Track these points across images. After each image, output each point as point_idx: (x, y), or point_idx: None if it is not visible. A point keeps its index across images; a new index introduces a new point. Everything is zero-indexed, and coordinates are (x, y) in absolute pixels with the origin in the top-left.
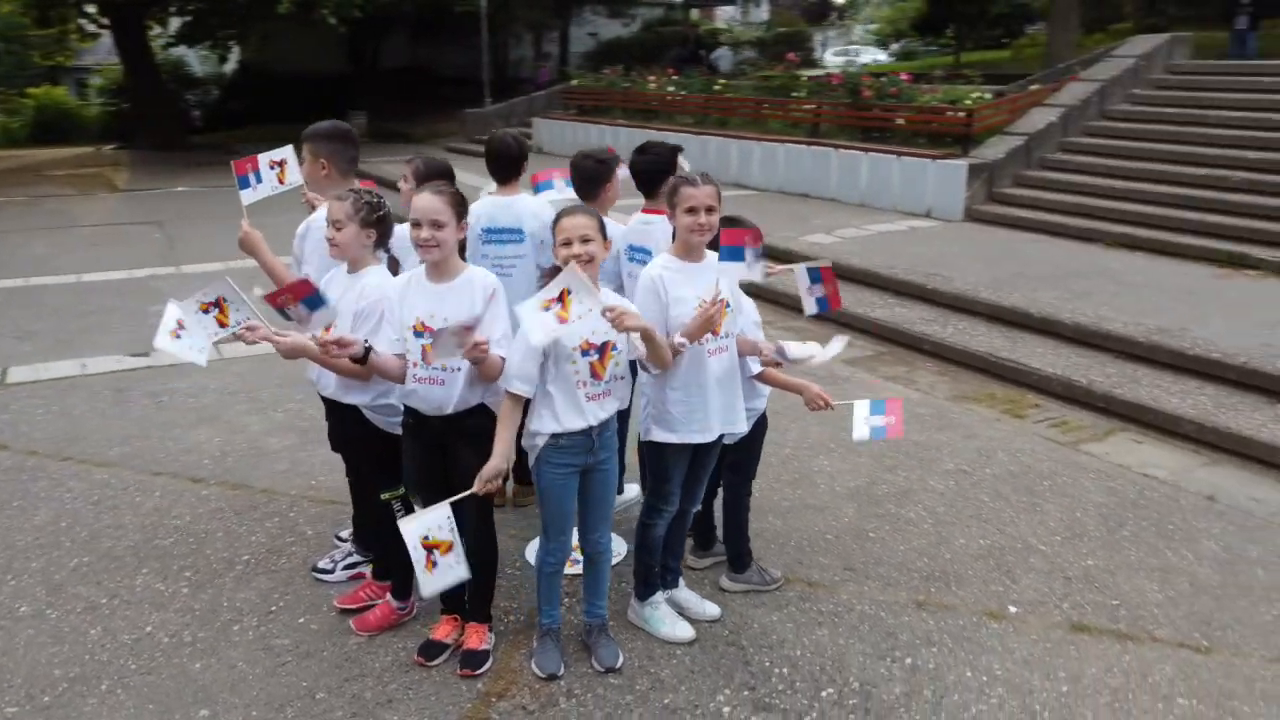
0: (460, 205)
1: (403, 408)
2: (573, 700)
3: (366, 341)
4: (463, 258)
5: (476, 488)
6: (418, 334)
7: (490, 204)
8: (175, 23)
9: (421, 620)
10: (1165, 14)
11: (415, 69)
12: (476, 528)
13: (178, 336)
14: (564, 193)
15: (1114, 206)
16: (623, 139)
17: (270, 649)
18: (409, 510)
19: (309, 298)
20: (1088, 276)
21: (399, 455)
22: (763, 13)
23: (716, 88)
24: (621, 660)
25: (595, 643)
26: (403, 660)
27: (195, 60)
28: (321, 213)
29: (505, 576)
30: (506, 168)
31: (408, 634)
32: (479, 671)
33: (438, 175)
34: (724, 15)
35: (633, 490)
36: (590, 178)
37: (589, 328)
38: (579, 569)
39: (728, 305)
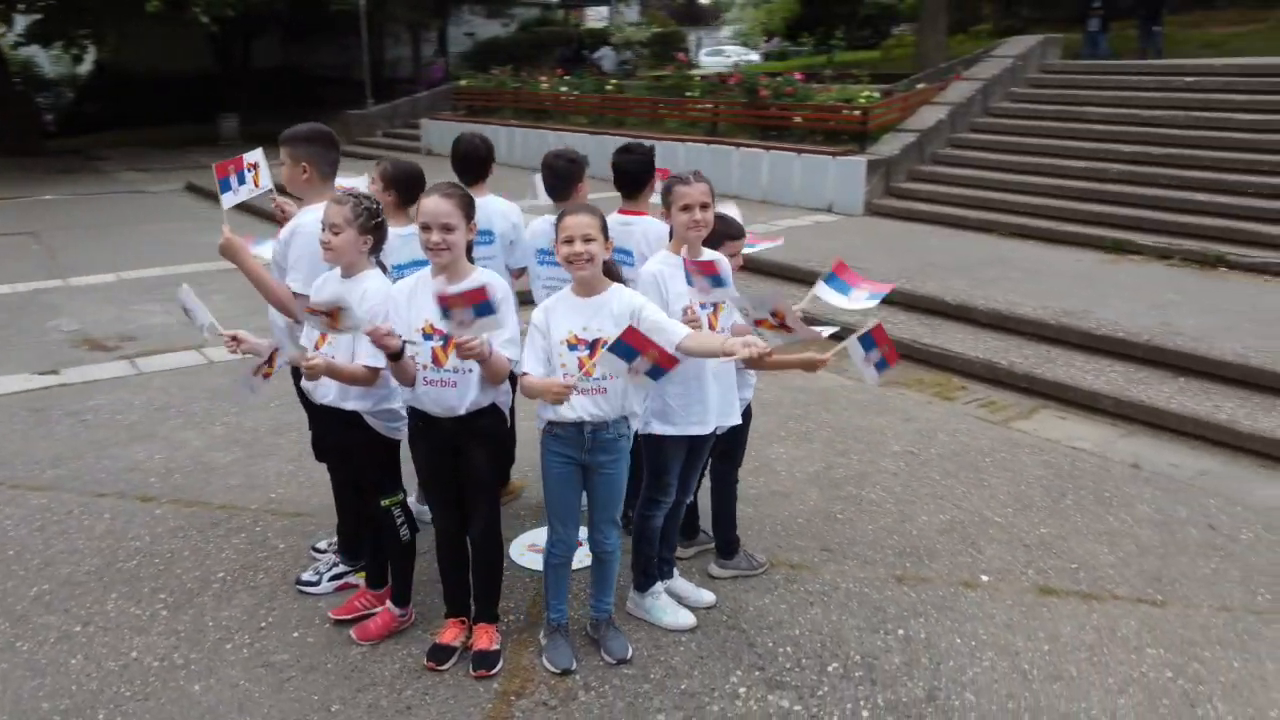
0: (469, 207)
1: (404, 412)
2: (592, 693)
3: (403, 339)
4: (470, 260)
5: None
6: (427, 337)
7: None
8: (22, 21)
9: (421, 626)
10: (1020, 16)
11: (288, 69)
12: (485, 527)
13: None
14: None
15: (1005, 199)
16: (517, 140)
17: (271, 665)
18: (409, 517)
19: (481, 304)
20: (991, 265)
21: (398, 461)
22: (634, 13)
23: (609, 88)
24: (631, 651)
25: (604, 636)
26: (411, 666)
27: (46, 61)
28: (307, 216)
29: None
30: (475, 169)
31: (410, 640)
32: (494, 671)
33: (407, 178)
34: (595, 16)
35: None
36: (564, 176)
37: (580, 324)
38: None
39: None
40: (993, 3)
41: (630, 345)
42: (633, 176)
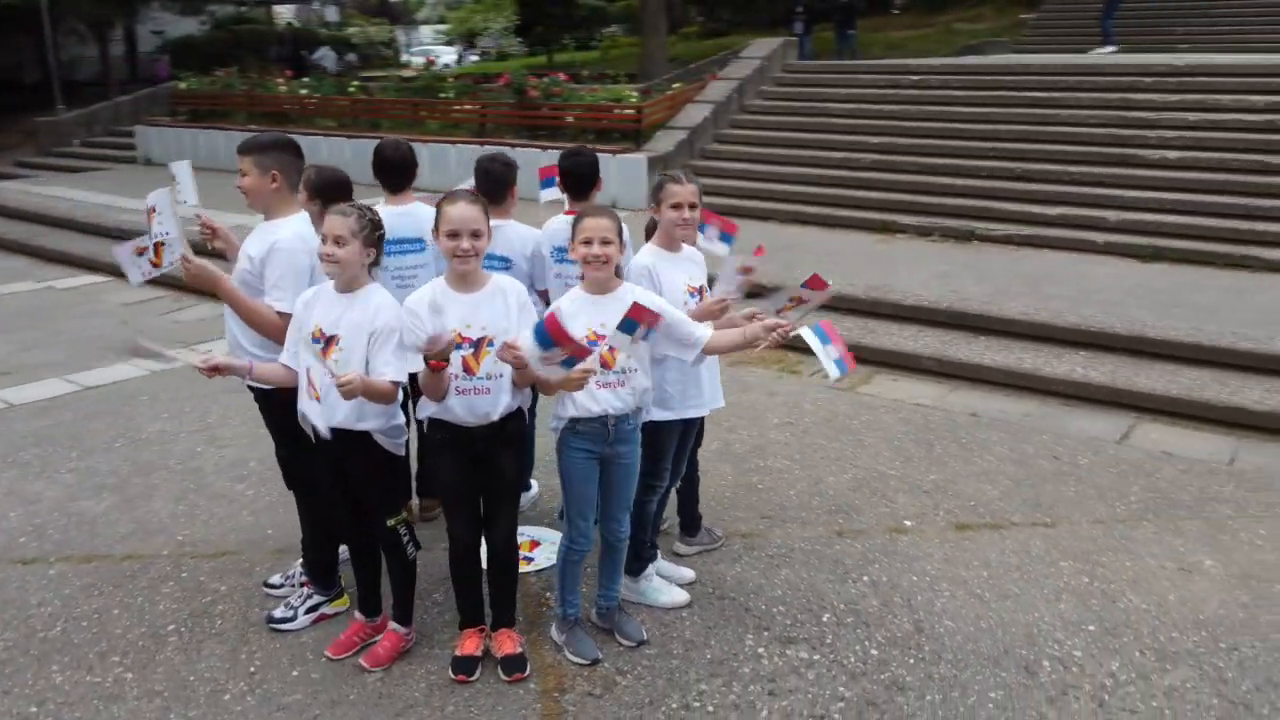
0: (488, 214)
1: (406, 425)
2: (628, 676)
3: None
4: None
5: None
6: (456, 346)
7: (388, 214)
8: None
9: (423, 643)
10: (722, 19)
11: None
12: (508, 533)
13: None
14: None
15: (777, 189)
16: None
17: (287, 708)
18: (412, 534)
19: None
20: (787, 249)
21: (401, 477)
22: (333, 12)
23: (351, 89)
24: (645, 633)
25: (617, 622)
26: (438, 683)
27: None
28: (282, 231)
29: None
30: (401, 176)
31: (422, 658)
32: (527, 674)
33: (333, 186)
34: (286, 14)
35: (535, 487)
36: (500, 180)
37: (598, 319)
38: (531, 566)
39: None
40: (697, 6)
41: (633, 320)
42: (578, 178)
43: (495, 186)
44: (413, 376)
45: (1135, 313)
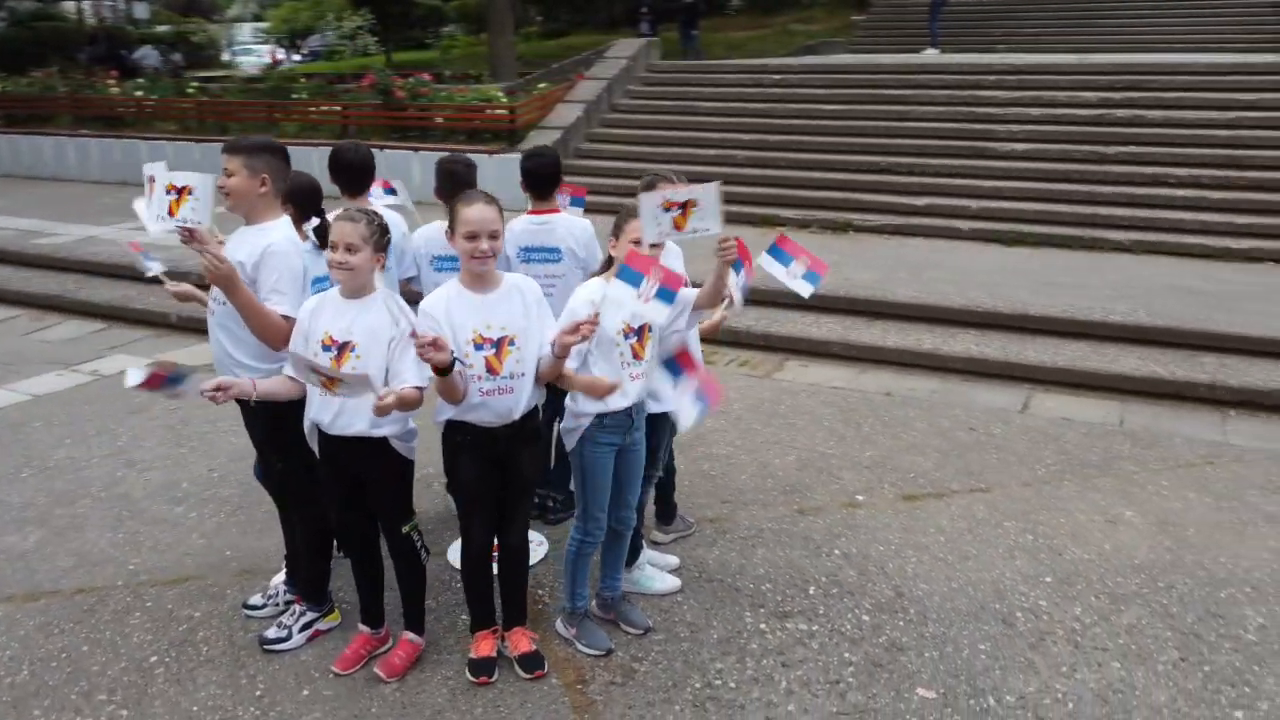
0: (503, 214)
1: (412, 430)
2: (645, 662)
3: (453, 352)
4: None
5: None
6: (478, 347)
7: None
8: None
9: (430, 649)
10: (561, 19)
11: None
12: (523, 531)
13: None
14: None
15: None
16: (92, 150)
17: None
18: (422, 539)
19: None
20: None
21: (410, 482)
22: (142, 9)
23: (191, 90)
24: (649, 620)
25: (622, 612)
26: (458, 687)
27: None
28: (275, 235)
29: (453, 589)
30: (362, 178)
31: (432, 664)
32: (546, 670)
33: (308, 192)
34: (88, 10)
35: None
36: (463, 181)
37: (626, 314)
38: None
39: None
40: (535, 5)
41: (633, 269)
42: (540, 177)
43: (458, 188)
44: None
45: (1013, 293)
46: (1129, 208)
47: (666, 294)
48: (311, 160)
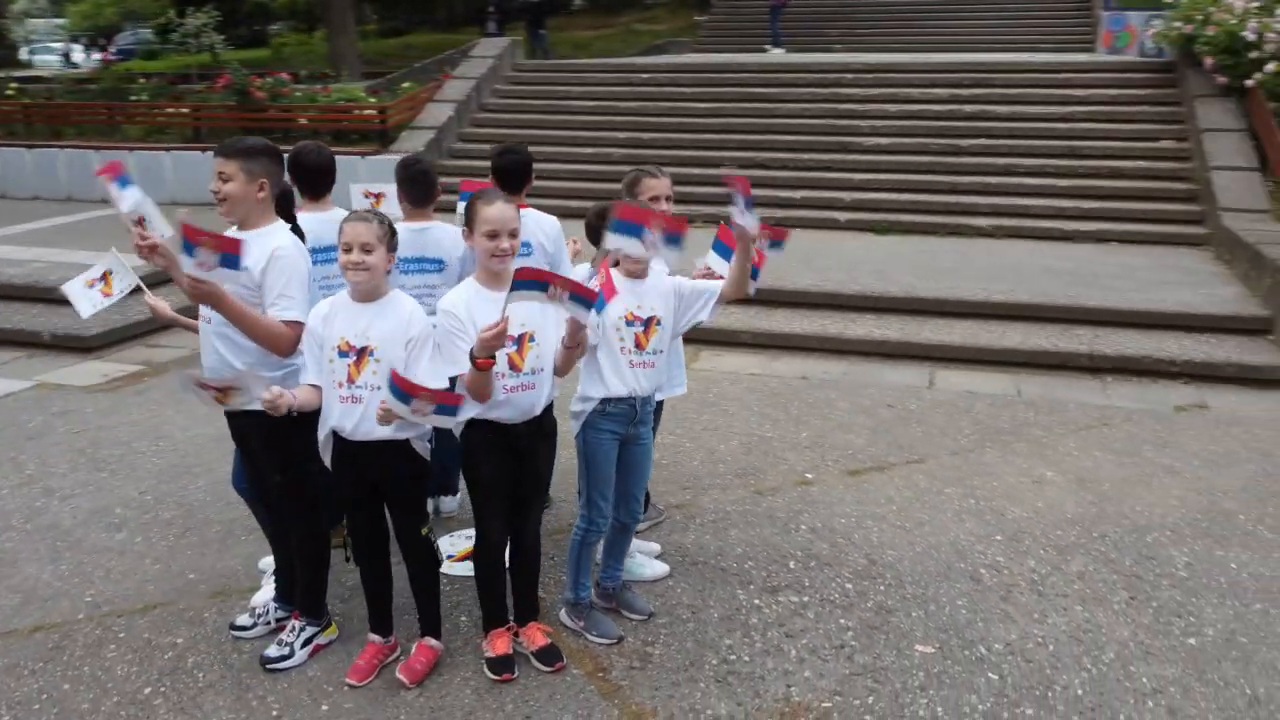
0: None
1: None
2: (658, 645)
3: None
4: None
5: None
6: (506, 347)
7: (312, 220)
8: None
9: (449, 654)
10: (399, 18)
11: None
12: (537, 528)
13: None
14: None
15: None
16: None
17: None
18: (435, 542)
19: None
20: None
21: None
22: None
23: (10, 92)
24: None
25: (624, 599)
26: (481, 686)
27: None
28: (278, 239)
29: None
30: (324, 181)
31: (449, 666)
32: (565, 661)
33: (285, 196)
34: None
35: (450, 503)
36: (428, 183)
37: (635, 302)
38: (459, 570)
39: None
40: (372, 4)
41: (630, 222)
42: (512, 175)
43: (424, 190)
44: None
45: (900, 277)
46: (987, 196)
47: (674, 238)
48: (163, 166)
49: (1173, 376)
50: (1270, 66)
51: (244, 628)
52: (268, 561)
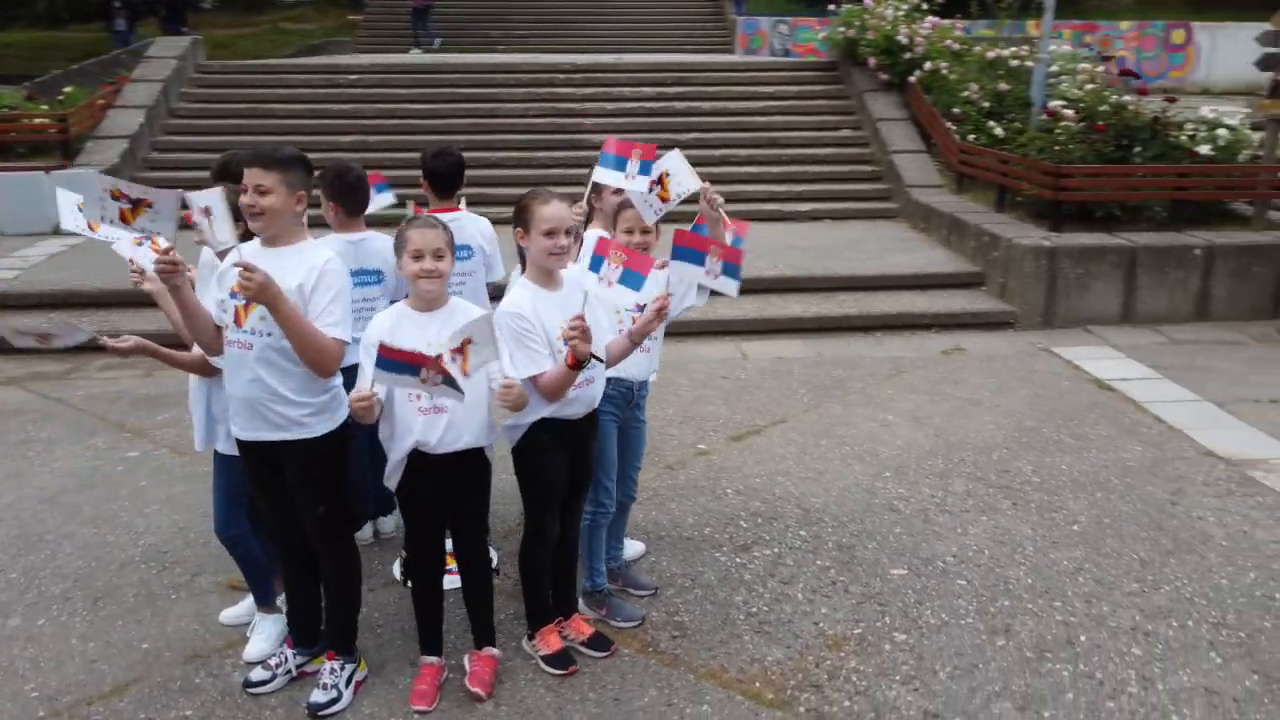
0: None
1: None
2: (681, 615)
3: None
4: None
5: None
6: (566, 341)
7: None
8: None
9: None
10: (21, 18)
11: None
12: (579, 523)
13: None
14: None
15: None
16: None
17: None
18: None
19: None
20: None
21: None
22: None
23: None
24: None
25: (629, 577)
26: (548, 683)
27: None
28: (322, 253)
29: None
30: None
31: (513, 669)
32: (614, 646)
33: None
34: None
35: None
36: (364, 191)
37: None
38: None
39: None
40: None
41: (691, 248)
42: (445, 178)
43: (362, 200)
44: None
45: None
46: (718, 185)
47: (633, 277)
48: None
49: (925, 327)
50: (928, 65)
51: (262, 683)
52: (230, 614)
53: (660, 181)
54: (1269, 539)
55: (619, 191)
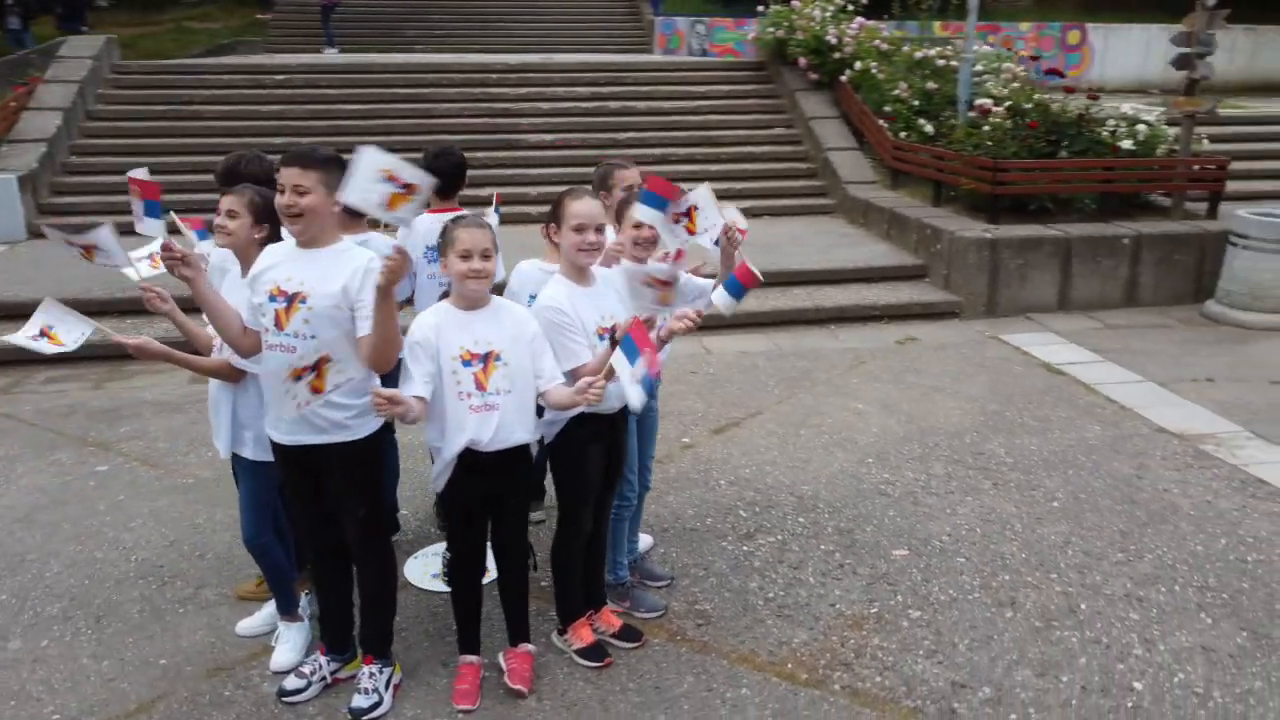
0: None
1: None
2: (704, 604)
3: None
4: None
5: None
6: (600, 338)
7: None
8: None
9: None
10: None
11: None
12: (609, 516)
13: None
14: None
15: (182, 199)
16: None
17: None
18: None
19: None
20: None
21: None
22: None
23: None
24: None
25: (645, 569)
26: (586, 675)
27: None
28: (367, 252)
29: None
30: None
31: (547, 664)
32: (644, 637)
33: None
34: None
35: None
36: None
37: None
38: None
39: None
40: None
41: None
42: (449, 178)
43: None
44: None
45: None
46: None
47: (648, 383)
48: None
49: (877, 318)
50: (858, 65)
51: (297, 691)
52: (247, 625)
53: (688, 214)
54: (1230, 507)
55: (629, 189)
